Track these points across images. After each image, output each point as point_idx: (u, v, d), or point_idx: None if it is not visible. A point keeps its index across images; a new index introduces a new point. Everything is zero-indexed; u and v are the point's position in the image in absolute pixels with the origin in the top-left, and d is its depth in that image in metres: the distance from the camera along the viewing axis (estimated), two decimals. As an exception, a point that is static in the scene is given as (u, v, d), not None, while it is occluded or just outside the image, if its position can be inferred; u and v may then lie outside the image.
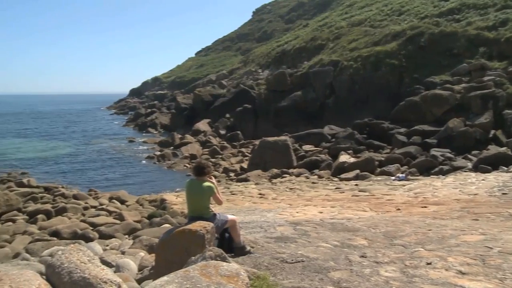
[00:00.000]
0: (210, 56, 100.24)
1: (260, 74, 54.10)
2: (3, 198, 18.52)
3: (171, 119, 56.00)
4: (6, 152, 40.16)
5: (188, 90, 66.00)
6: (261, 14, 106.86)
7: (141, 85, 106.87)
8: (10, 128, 66.43)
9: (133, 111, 77.98)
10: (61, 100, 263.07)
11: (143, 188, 25.73)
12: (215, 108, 47.08)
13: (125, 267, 7.65)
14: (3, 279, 4.09)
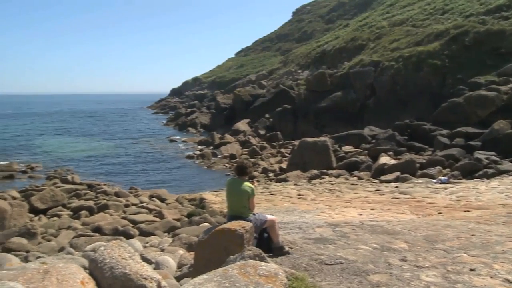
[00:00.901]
0: (250, 56, 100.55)
1: (299, 75, 53.88)
2: (49, 194, 19.15)
3: (211, 119, 56.47)
4: (53, 150, 41.39)
5: (228, 90, 66.40)
6: (301, 15, 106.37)
7: (182, 85, 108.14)
8: (56, 127, 68.40)
9: (173, 110, 78.96)
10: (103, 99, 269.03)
11: (182, 187, 26.03)
12: (255, 108, 47.18)
13: (165, 264, 7.76)
14: (50, 271, 4.23)
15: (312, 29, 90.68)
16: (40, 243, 12.68)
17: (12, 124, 73.86)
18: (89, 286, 4.33)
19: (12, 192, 21.44)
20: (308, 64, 56.82)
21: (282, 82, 52.77)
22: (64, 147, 43.64)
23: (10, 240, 12.09)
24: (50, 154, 38.86)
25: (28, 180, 27.98)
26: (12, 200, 17.65)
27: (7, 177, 28.15)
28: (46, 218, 17.53)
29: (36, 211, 17.99)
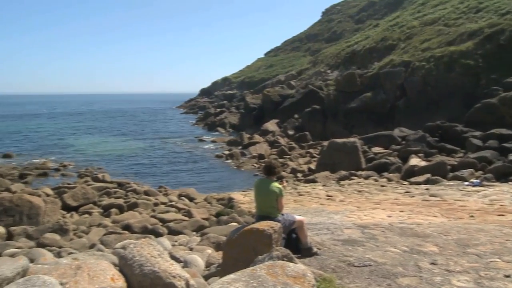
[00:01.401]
0: (279, 56, 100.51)
1: (329, 75, 53.61)
2: (81, 191, 19.51)
3: (240, 119, 56.67)
4: (84, 149, 42.17)
5: (257, 90, 66.51)
6: (331, 15, 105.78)
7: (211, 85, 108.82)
8: (88, 126, 69.68)
9: (202, 110, 79.48)
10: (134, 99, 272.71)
11: (211, 186, 26.17)
12: (284, 108, 47.15)
13: (193, 263, 7.82)
14: (82, 267, 4.33)
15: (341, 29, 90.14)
16: (72, 239, 12.92)
17: (47, 123, 75.62)
18: (119, 282, 4.40)
19: (45, 189, 21.93)
20: (337, 65, 56.49)
21: (312, 82, 52.58)
22: (95, 146, 44.40)
23: (44, 236, 12.36)
24: (81, 153, 39.60)
25: (61, 177, 28.55)
26: (45, 197, 18.00)
27: (41, 174, 28.81)
28: (78, 215, 17.87)
29: (68, 208, 18.35)
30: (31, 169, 29.96)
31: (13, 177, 26.74)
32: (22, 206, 14.94)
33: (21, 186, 23.58)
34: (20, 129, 64.46)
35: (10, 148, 41.90)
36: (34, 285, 3.58)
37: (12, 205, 14.86)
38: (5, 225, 14.18)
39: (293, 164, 30.55)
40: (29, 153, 38.96)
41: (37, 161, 33.97)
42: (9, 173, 27.84)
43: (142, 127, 67.95)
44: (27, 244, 11.84)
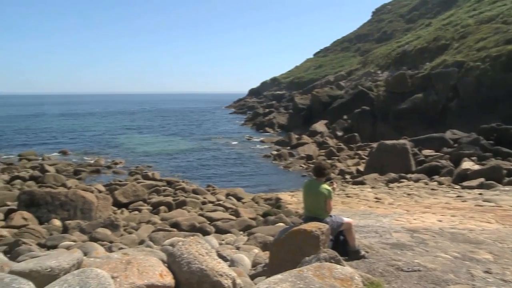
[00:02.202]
0: (328, 57, 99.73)
1: (379, 76, 52.81)
2: (131, 189, 20.00)
3: (289, 119, 56.60)
4: (135, 147, 43.18)
5: (306, 91, 66.23)
6: (381, 14, 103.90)
7: (260, 85, 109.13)
8: (139, 125, 71.29)
9: (251, 110, 79.82)
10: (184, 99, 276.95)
11: (259, 186, 26.25)
12: (333, 109, 46.80)
13: (240, 262, 7.86)
14: (132, 262, 4.44)
15: (392, 29, 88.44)
16: (122, 235, 13.24)
17: (100, 122, 77.91)
18: (167, 279, 4.49)
19: (98, 185, 22.62)
20: (388, 65, 55.55)
21: (361, 83, 51.95)
22: (146, 145, 45.37)
23: (96, 230, 12.74)
24: (132, 151, 40.55)
25: (112, 175, 29.36)
26: (98, 193, 18.58)
27: (94, 171, 29.71)
28: (128, 211, 18.33)
29: (119, 205, 18.85)
30: (85, 166, 30.97)
31: (68, 173, 27.76)
32: (77, 201, 15.48)
33: (75, 182, 24.45)
34: (75, 127, 66.75)
35: (66, 145, 43.50)
36: (88, 277, 3.71)
37: (67, 200, 15.43)
38: (61, 218, 14.76)
39: (341, 165, 30.27)
40: (83, 151, 40.28)
41: (90, 159, 35.10)
42: (65, 169, 28.91)
43: (192, 126, 68.90)
44: (81, 238, 12.24)
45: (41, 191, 16.26)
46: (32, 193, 16.00)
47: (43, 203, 15.39)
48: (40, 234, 12.85)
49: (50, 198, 15.50)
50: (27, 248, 9.67)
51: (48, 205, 15.36)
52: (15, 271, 3.99)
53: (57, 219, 14.80)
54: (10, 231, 13.24)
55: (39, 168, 27.70)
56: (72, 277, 3.73)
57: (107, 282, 3.76)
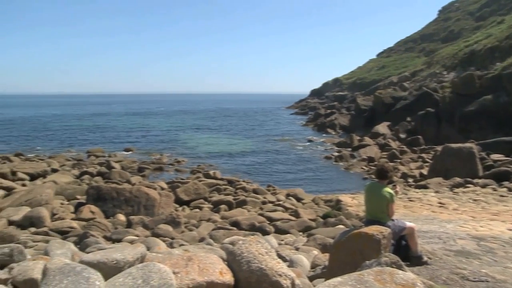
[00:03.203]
0: (392, 57, 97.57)
1: (445, 76, 51.20)
2: (193, 187, 20.42)
3: (350, 121, 55.91)
4: (197, 146, 43.99)
5: (369, 92, 65.19)
6: (448, 12, 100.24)
7: (322, 86, 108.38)
8: (202, 125, 72.53)
9: (313, 111, 79.38)
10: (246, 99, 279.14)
11: (319, 188, 26.10)
12: (396, 111, 45.84)
13: (299, 263, 7.85)
14: (193, 259, 4.55)
15: (460, 28, 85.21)
16: (183, 232, 13.54)
17: (164, 121, 79.93)
18: (226, 277, 4.57)
19: (161, 183, 23.21)
20: (454, 66, 53.75)
21: (426, 84, 50.56)
22: (207, 144, 46.08)
23: (159, 226, 13.10)
24: (195, 150, 41.31)
25: (175, 173, 30.02)
26: (160, 190, 19.06)
27: (157, 169, 30.47)
28: (189, 209, 18.72)
29: (180, 202, 19.28)
30: (149, 163, 31.85)
31: (132, 170, 28.66)
32: (140, 197, 15.99)
33: (139, 178, 25.22)
34: (140, 126, 68.81)
35: (131, 143, 44.97)
36: (151, 271, 3.83)
37: (131, 196, 15.97)
38: (125, 213, 15.31)
39: (404, 168, 29.57)
40: (147, 149, 41.45)
41: (154, 156, 36.08)
42: (130, 166, 29.87)
43: (253, 126, 69.32)
44: (144, 233, 12.63)
45: (108, 187, 16.92)
46: (99, 188, 16.68)
47: (109, 198, 16.01)
48: (106, 228, 13.37)
49: (115, 194, 16.11)
50: (94, 240, 10.08)
51: (113, 200, 15.96)
52: (84, 261, 4.19)
53: (121, 214, 15.35)
54: (79, 223, 13.88)
55: (105, 165, 28.81)
56: (136, 270, 3.86)
57: (168, 277, 3.87)
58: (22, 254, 6.21)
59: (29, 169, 25.10)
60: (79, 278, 3.02)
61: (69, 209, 16.24)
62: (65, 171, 26.60)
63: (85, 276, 3.05)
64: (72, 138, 51.17)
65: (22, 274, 4.76)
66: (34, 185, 20.10)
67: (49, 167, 26.89)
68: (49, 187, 17.59)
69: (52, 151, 38.27)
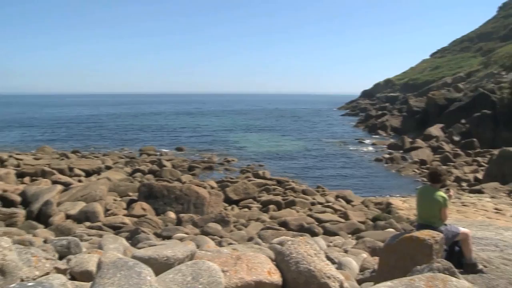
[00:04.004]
0: (446, 57, 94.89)
1: (503, 77, 49.41)
2: (242, 186, 20.56)
3: (402, 122, 54.88)
4: (248, 146, 44.23)
5: (421, 93, 63.71)
6: (509, 9, 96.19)
7: (373, 87, 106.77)
8: (251, 125, 72.89)
9: (363, 112, 78.40)
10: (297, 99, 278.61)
11: (369, 190, 25.76)
12: (450, 112, 44.63)
13: (347, 265, 7.77)
14: (242, 258, 4.59)
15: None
16: (232, 231, 13.64)
17: (214, 121, 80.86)
18: (275, 276, 4.58)
19: (210, 182, 23.50)
20: (514, 66, 51.83)
21: (482, 85, 48.95)
22: (257, 144, 46.26)
23: (208, 225, 13.26)
24: (244, 149, 41.54)
25: (224, 172, 30.28)
26: (210, 189, 19.29)
27: (207, 168, 30.82)
28: (238, 208, 18.85)
29: (230, 201, 19.46)
30: (199, 162, 32.29)
31: (183, 169, 29.13)
32: (190, 195, 16.23)
33: (189, 177, 25.61)
34: (191, 125, 69.88)
35: (182, 142, 45.74)
36: (200, 268, 3.89)
37: (182, 194, 16.24)
38: (175, 211, 15.58)
39: (457, 172, 28.78)
40: (197, 148, 42.03)
41: (204, 156, 36.54)
42: (180, 164, 30.37)
43: (304, 127, 69.08)
44: (193, 231, 12.81)
45: (159, 185, 17.27)
46: (151, 186, 17.05)
47: (160, 195, 16.34)
48: (157, 225, 13.65)
49: (166, 192, 16.42)
50: (145, 236, 10.31)
51: (164, 198, 16.28)
52: (136, 256, 4.31)
53: (172, 212, 15.64)
54: (131, 219, 14.24)
55: (157, 163, 29.44)
56: (186, 268, 3.93)
57: (217, 275, 3.92)
58: (79, 247, 6.44)
59: (85, 165, 25.96)
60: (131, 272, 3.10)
61: (121, 205, 16.69)
62: (118, 169, 27.36)
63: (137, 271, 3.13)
64: (126, 136, 52.64)
65: (79, 266, 4.95)
66: (89, 181, 20.77)
67: (103, 164, 27.71)
68: (103, 183, 18.15)
69: (106, 149, 39.46)
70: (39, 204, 14.70)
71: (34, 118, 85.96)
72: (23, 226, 12.89)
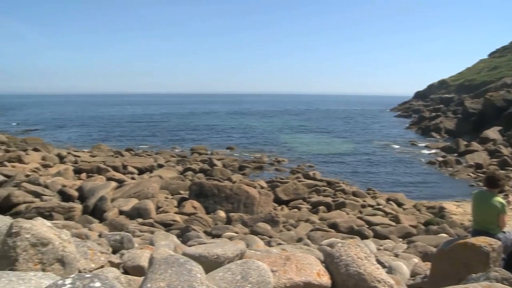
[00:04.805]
0: (506, 57, 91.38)
1: None
2: (292, 187, 20.55)
3: (457, 124, 53.37)
4: (298, 146, 44.13)
5: (478, 94, 61.68)
6: None
7: (427, 87, 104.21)
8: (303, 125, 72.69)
9: (417, 114, 76.72)
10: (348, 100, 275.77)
11: (421, 193, 25.20)
12: (509, 114, 43.08)
13: (398, 270, 7.61)
14: (291, 259, 4.58)
15: None
16: (281, 231, 13.65)
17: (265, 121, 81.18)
18: (324, 278, 4.54)
19: (261, 182, 23.61)
20: None
21: (545, 86, 46.97)
22: (308, 144, 46.05)
23: (257, 225, 13.32)
24: (295, 150, 41.46)
25: (274, 172, 30.31)
26: (260, 189, 19.38)
27: (257, 167, 30.96)
28: (288, 209, 18.85)
29: (279, 202, 19.48)
30: (249, 162, 32.48)
31: (233, 168, 29.39)
32: (240, 195, 16.37)
33: (240, 177, 25.81)
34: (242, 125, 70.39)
35: (233, 142, 46.14)
36: (250, 268, 3.91)
37: (232, 194, 16.40)
38: (225, 210, 15.76)
39: (516, 177, 27.72)
40: (248, 147, 42.28)
41: (254, 155, 36.72)
42: (231, 164, 30.66)
43: (354, 128, 68.32)
44: (242, 230, 12.90)
45: (209, 184, 17.51)
46: (202, 184, 17.31)
47: (210, 194, 16.56)
48: (207, 223, 13.84)
49: (217, 191, 16.62)
50: (195, 234, 10.46)
51: (214, 196, 16.49)
52: (187, 253, 4.38)
53: (222, 211, 15.82)
54: (182, 217, 14.50)
55: (208, 162, 29.82)
56: (235, 266, 3.96)
57: (267, 275, 3.93)
58: (131, 242, 6.62)
59: (138, 163, 26.63)
60: (182, 269, 3.16)
61: (172, 203, 17.01)
62: (170, 167, 27.87)
63: (187, 268, 3.18)
64: (177, 135, 53.64)
65: (131, 261, 5.08)
66: (142, 179, 21.28)
67: (155, 162, 28.33)
68: (155, 181, 18.57)
69: (159, 148, 40.31)
70: (94, 199, 15.23)
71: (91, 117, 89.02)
72: (80, 220, 13.39)
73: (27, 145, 33.89)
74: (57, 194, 16.18)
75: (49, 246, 3.62)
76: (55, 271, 3.57)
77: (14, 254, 3.46)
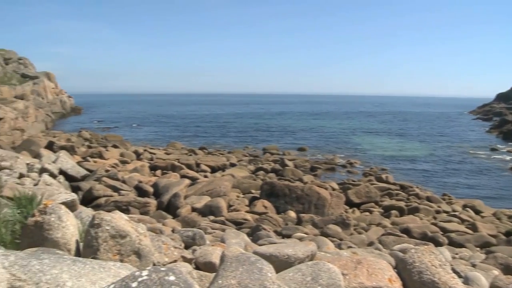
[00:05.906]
0: None
1: None
2: (364, 189, 20.23)
3: (543, 129, 50.43)
4: (371, 148, 43.34)
5: None
6: None
7: (510, 89, 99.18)
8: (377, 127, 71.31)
9: (498, 117, 73.26)
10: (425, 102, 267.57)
11: (502, 201, 23.98)
12: None
13: (475, 281, 7.29)
14: (362, 263, 4.52)
15: None
16: (352, 234, 13.50)
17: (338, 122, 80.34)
18: (396, 284, 4.44)
19: (332, 183, 23.42)
20: None
21: None
22: (381, 147, 45.11)
23: (328, 226, 13.24)
24: (368, 152, 40.74)
25: (347, 174, 29.95)
26: (331, 191, 19.22)
27: (329, 169, 30.70)
28: (359, 211, 18.61)
29: (351, 204, 19.25)
30: (321, 163, 32.24)
31: (305, 169, 29.30)
32: (311, 196, 16.32)
33: (311, 177, 25.72)
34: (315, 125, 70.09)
35: (305, 142, 46.01)
36: (320, 269, 3.88)
37: (303, 194, 16.39)
38: (296, 210, 15.77)
39: None
40: (320, 148, 42.01)
41: (326, 157, 36.43)
42: (302, 165, 30.59)
43: (430, 131, 66.15)
44: (313, 231, 12.87)
45: (281, 184, 17.58)
46: (273, 184, 17.42)
47: (281, 194, 16.63)
48: (277, 223, 13.91)
49: (288, 191, 16.67)
50: (265, 233, 10.54)
51: (285, 197, 16.54)
52: (258, 252, 4.42)
53: (292, 211, 15.85)
54: (253, 216, 14.68)
55: (279, 162, 29.92)
56: (306, 267, 3.95)
57: (337, 278, 3.89)
58: (203, 239, 6.77)
59: (211, 162, 27.20)
60: (253, 268, 3.19)
61: (244, 202, 17.24)
62: (242, 166, 28.24)
63: (258, 267, 3.21)
64: (250, 135, 54.26)
65: (203, 257, 5.20)
66: (215, 177, 21.71)
67: (228, 161, 28.81)
68: (227, 180, 18.90)
69: (231, 147, 40.90)
70: (168, 195, 15.73)
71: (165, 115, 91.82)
72: (154, 215, 13.88)
73: (107, 142, 35.58)
74: (134, 189, 16.89)
75: (127, 239, 3.79)
76: (132, 263, 3.73)
77: (96, 244, 3.66)
